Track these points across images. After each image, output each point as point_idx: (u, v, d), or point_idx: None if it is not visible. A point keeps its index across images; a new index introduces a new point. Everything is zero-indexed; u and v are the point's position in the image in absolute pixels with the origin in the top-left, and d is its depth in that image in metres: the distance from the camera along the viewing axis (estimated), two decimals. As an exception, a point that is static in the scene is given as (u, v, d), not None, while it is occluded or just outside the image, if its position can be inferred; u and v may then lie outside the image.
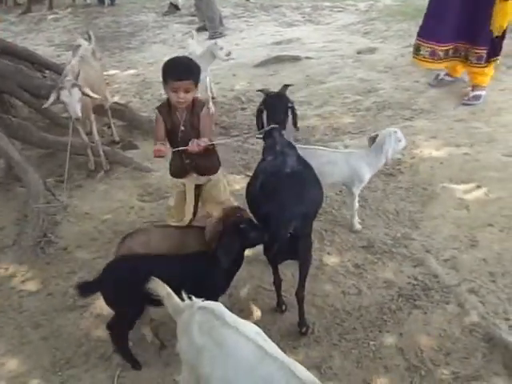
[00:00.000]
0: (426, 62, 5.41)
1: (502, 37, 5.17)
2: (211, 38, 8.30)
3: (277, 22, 9.74)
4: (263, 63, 7.24)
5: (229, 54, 5.68)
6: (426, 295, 3.10)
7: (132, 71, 7.64)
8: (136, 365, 2.70)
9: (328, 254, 3.54)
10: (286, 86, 3.43)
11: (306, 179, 2.88)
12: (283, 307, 3.07)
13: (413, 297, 3.10)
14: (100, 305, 3.12)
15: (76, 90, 4.05)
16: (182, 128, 3.12)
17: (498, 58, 5.39)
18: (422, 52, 5.36)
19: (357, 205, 3.69)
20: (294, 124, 3.33)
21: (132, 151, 5.06)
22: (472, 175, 4.22)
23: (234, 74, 7.01)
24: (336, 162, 3.55)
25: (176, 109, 3.09)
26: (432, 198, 4.02)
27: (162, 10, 11.23)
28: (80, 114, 4.06)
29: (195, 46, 5.53)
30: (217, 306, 2.11)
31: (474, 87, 5.49)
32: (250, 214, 2.85)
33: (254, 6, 10.97)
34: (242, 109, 5.99)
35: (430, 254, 3.45)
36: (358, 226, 3.72)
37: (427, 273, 3.27)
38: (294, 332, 2.93)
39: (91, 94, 4.22)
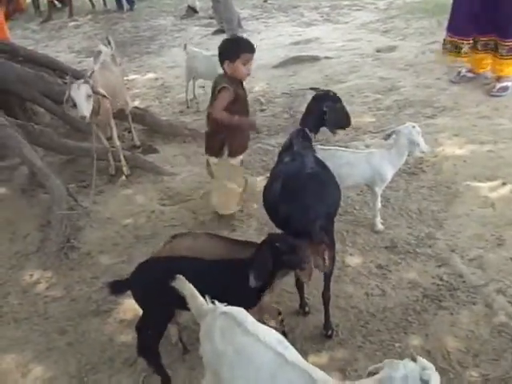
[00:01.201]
0: (452, 55, 5.52)
1: None
2: (229, 40, 8.31)
3: (295, 22, 9.71)
4: (282, 64, 7.22)
5: None
6: (452, 296, 3.04)
7: (151, 75, 7.69)
8: (167, 380, 2.64)
9: (350, 254, 3.51)
10: (313, 89, 3.39)
11: (325, 179, 2.85)
12: (306, 309, 3.05)
13: (438, 297, 3.05)
14: (124, 309, 3.14)
15: (85, 87, 4.00)
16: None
17: None
18: (447, 46, 5.49)
19: (379, 205, 3.64)
20: (331, 127, 3.30)
21: (152, 155, 5.07)
22: (496, 172, 4.14)
23: (252, 76, 6.95)
24: (357, 163, 3.49)
25: (241, 82, 3.59)
26: (456, 196, 3.95)
27: (180, 13, 11.30)
28: (86, 113, 3.98)
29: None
30: (239, 312, 2.08)
31: (501, 78, 5.44)
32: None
33: (272, 7, 10.96)
34: (262, 110, 5.97)
35: (454, 253, 3.39)
36: (380, 227, 3.67)
37: (452, 273, 3.22)
38: (317, 335, 2.90)
39: (102, 91, 4.19)
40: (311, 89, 3.49)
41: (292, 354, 1.95)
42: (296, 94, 6.18)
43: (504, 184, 3.99)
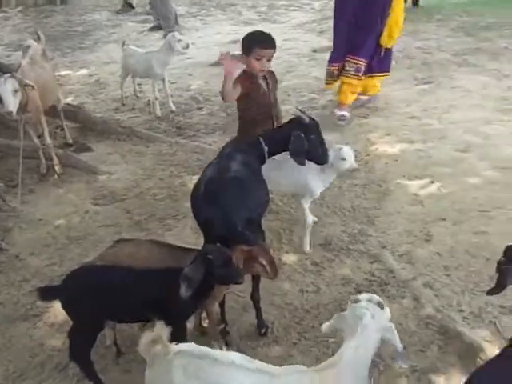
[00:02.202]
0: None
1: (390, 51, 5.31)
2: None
3: (233, 20, 9.72)
4: (220, 62, 7.19)
5: (187, 46, 5.64)
6: (383, 290, 3.13)
7: (85, 71, 7.49)
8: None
9: (286, 252, 3.55)
10: (300, 111, 3.22)
11: (248, 183, 2.79)
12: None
13: (370, 293, 3.11)
14: (54, 313, 3.04)
15: (11, 81, 3.87)
16: (271, 92, 3.54)
17: (388, 73, 5.48)
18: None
19: (309, 222, 3.49)
20: (294, 156, 3.08)
21: (86, 154, 4.95)
22: (425, 171, 4.30)
23: (189, 74, 6.96)
24: (287, 173, 3.38)
25: (257, 77, 3.43)
26: (387, 194, 4.08)
27: (115, 8, 11.06)
28: (13, 109, 3.86)
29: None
30: (191, 346, 2.00)
31: (342, 105, 5.35)
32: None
33: (210, 5, 10.93)
34: (199, 108, 5.95)
35: (385, 249, 3.49)
36: (307, 248, 3.53)
37: (383, 268, 3.31)
38: (253, 332, 2.91)
39: (30, 82, 4.05)
40: (298, 109, 3.27)
41: (259, 364, 1.95)
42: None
43: (432, 182, 4.16)
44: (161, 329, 2.01)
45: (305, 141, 3.03)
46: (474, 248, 3.40)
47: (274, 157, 3.17)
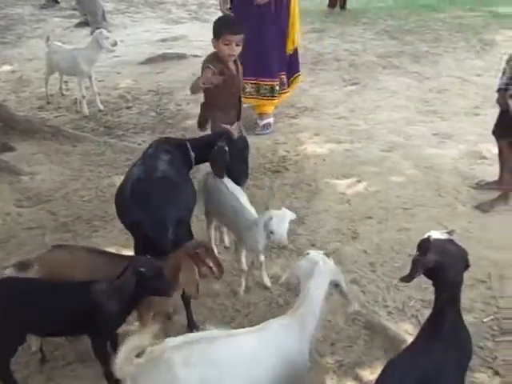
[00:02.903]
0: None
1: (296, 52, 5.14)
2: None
3: (162, 18, 9.61)
4: (149, 61, 7.11)
5: (115, 43, 5.52)
6: (312, 288, 3.19)
7: (7, 67, 7.18)
8: None
9: (218, 253, 3.53)
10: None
11: (176, 182, 2.80)
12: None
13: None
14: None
15: None
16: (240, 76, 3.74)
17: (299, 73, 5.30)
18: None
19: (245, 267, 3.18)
20: (213, 167, 3.11)
21: (8, 154, 4.74)
22: (353, 170, 4.42)
23: (118, 72, 6.82)
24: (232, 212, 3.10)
25: (227, 62, 3.59)
26: (316, 193, 4.16)
27: (39, 2, 10.65)
28: None
29: None
30: (182, 337, 1.97)
31: (263, 115, 5.19)
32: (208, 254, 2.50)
33: (139, 2, 10.75)
34: (128, 107, 5.84)
35: (315, 247, 3.55)
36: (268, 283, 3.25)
37: (313, 266, 3.37)
38: (183, 333, 2.88)
39: None
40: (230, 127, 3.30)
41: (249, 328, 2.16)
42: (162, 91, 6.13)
43: (359, 181, 4.28)
44: (141, 334, 1.96)
45: (226, 154, 3.06)
46: (397, 245, 3.53)
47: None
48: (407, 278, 2.02)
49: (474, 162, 4.51)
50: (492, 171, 4.15)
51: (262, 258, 3.19)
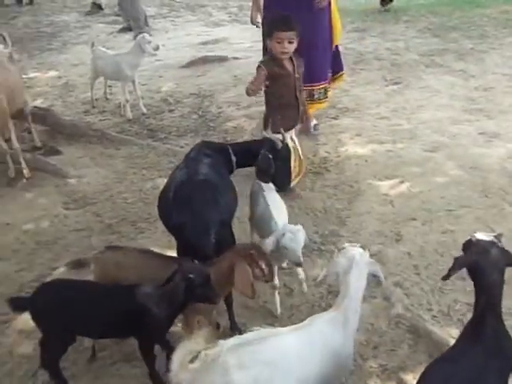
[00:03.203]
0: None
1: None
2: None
3: (203, 21, 9.70)
4: (190, 64, 7.19)
5: (157, 47, 5.61)
6: (354, 291, 3.16)
7: (54, 73, 7.39)
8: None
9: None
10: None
11: (217, 185, 2.82)
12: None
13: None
14: (23, 320, 2.99)
15: None
16: (297, 75, 3.78)
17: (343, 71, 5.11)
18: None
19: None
20: (257, 174, 3.19)
21: (55, 157, 4.88)
22: (395, 171, 4.36)
23: (160, 76, 6.92)
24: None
25: (281, 60, 3.68)
26: (358, 194, 4.12)
27: (84, 9, 10.94)
28: None
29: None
30: (234, 339, 1.98)
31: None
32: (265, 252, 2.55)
33: (180, 6, 10.89)
34: (170, 111, 5.92)
35: (357, 249, 3.52)
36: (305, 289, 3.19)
37: (355, 268, 3.34)
38: (227, 336, 2.90)
39: None
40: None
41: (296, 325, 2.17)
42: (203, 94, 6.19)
43: (402, 182, 4.22)
44: (193, 339, 1.96)
45: (271, 162, 3.11)
46: (442, 247, 3.46)
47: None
48: (445, 277, 2.01)
49: (523, 161, 4.38)
50: (541, 171, 4.03)
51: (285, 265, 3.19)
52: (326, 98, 4.89)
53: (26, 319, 2.94)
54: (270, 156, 3.12)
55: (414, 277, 3.24)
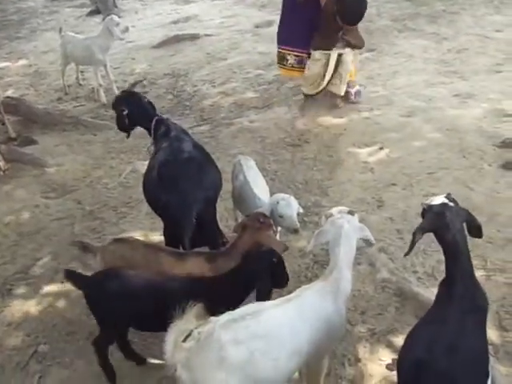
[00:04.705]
0: (294, 70, 4.94)
1: None
2: (105, 21, 8.01)
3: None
4: (162, 44, 7.09)
5: (126, 29, 5.52)
6: (340, 259, 3.19)
7: (24, 62, 7.25)
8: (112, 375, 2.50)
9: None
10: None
11: (203, 164, 2.85)
12: None
13: (327, 262, 3.17)
14: (11, 312, 2.98)
15: None
16: None
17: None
18: (289, 61, 4.90)
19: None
20: None
21: (31, 147, 4.82)
22: (374, 138, 4.37)
23: (132, 58, 6.82)
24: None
25: None
26: (338, 164, 4.13)
27: (50, -6, 10.68)
28: None
29: None
30: (227, 315, 1.97)
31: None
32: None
33: (149, -15, 10.66)
34: (145, 92, 5.81)
35: (340, 218, 3.54)
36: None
37: (339, 237, 3.36)
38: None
39: None
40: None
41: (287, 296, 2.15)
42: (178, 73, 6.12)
43: (381, 149, 4.23)
44: (184, 318, 1.93)
45: None
46: (424, 210, 3.49)
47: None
48: (407, 253, 2.07)
49: (499, 120, 4.40)
50: (517, 129, 4.06)
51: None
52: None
53: (13, 312, 2.95)
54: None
55: (398, 241, 3.28)
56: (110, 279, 2.36)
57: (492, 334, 2.56)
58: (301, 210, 2.86)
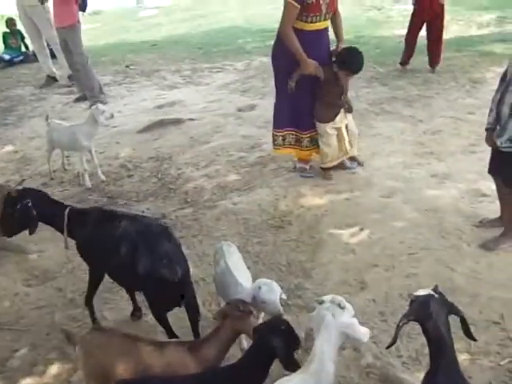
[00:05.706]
0: (290, 148, 5.32)
1: None
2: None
3: (158, 85, 9.84)
4: (147, 128, 7.25)
5: (111, 116, 5.64)
6: (324, 344, 3.15)
7: (10, 148, 7.33)
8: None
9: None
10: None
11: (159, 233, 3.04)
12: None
13: (311, 347, 3.14)
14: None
15: None
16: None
17: None
18: (287, 139, 5.24)
19: None
20: None
21: (14, 233, 4.79)
22: (355, 219, 4.44)
23: (117, 142, 6.96)
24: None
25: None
26: (320, 245, 4.17)
27: (38, 82, 10.98)
28: None
29: None
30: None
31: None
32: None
33: (135, 72, 11.03)
34: (129, 176, 5.93)
35: (323, 301, 3.53)
36: None
37: (322, 321, 3.34)
38: None
39: None
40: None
41: None
42: (162, 157, 6.25)
43: (362, 229, 4.30)
44: None
45: None
46: (406, 291, 3.50)
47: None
48: (391, 343, 2.13)
49: (475, 200, 4.53)
50: (494, 208, 4.16)
51: None
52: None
53: None
54: None
55: (381, 324, 3.27)
56: None
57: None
58: (283, 296, 2.85)
